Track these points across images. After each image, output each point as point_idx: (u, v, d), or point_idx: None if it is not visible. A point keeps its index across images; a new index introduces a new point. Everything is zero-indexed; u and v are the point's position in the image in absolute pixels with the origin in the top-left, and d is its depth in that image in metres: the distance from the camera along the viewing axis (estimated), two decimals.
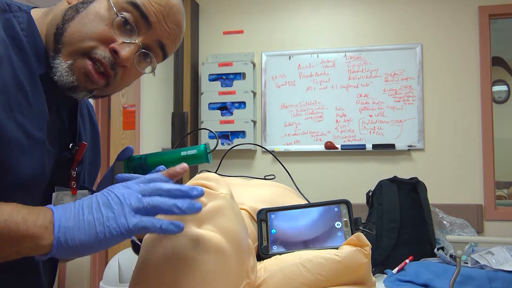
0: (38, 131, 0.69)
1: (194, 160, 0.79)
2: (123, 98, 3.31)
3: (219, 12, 3.29)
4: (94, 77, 0.71)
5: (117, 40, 0.72)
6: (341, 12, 3.14)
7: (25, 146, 0.66)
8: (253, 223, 0.91)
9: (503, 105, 4.35)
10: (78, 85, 0.72)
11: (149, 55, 0.76)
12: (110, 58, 0.72)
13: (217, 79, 3.16)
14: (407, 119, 2.96)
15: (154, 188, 0.63)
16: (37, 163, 0.69)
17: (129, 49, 0.72)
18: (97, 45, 0.71)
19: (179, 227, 0.61)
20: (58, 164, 0.77)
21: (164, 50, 0.78)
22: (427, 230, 1.92)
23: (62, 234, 0.58)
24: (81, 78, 0.71)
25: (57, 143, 0.76)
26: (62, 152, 0.78)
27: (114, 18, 0.71)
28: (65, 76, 0.70)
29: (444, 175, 2.89)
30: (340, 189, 2.99)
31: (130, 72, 0.76)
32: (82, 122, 0.88)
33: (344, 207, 0.88)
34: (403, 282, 1.65)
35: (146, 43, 0.75)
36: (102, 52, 0.71)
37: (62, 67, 0.70)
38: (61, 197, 0.77)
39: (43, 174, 0.71)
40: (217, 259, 0.67)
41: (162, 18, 0.75)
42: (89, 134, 0.91)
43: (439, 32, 2.97)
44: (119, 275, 2.31)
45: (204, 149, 0.79)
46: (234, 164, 3.09)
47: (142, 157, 0.80)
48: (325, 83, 3.08)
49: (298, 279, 0.75)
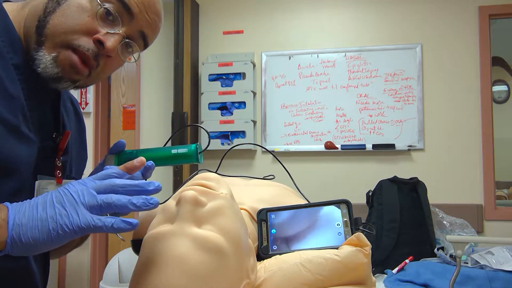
0: (12, 117, 0.69)
1: (185, 159, 0.79)
2: (123, 98, 3.31)
3: (219, 12, 3.29)
4: (80, 68, 0.73)
5: (101, 31, 0.73)
6: (341, 12, 3.14)
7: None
8: (253, 223, 0.91)
9: (503, 105, 4.35)
10: (63, 76, 0.73)
11: (131, 44, 0.77)
12: (93, 49, 0.73)
13: (217, 79, 3.16)
14: (407, 119, 2.96)
15: (109, 184, 0.63)
16: (9, 149, 0.69)
17: (113, 39, 0.73)
18: (80, 37, 0.72)
19: (131, 225, 0.61)
20: (42, 153, 0.77)
21: (146, 40, 0.80)
22: (427, 230, 1.92)
23: (15, 232, 0.58)
24: (66, 69, 0.72)
25: (40, 132, 0.77)
26: (45, 141, 0.79)
27: (97, 9, 0.72)
28: (50, 68, 0.71)
29: (444, 175, 2.89)
30: (340, 189, 2.99)
31: (112, 61, 0.77)
32: (66, 114, 0.88)
33: (344, 207, 0.88)
34: (403, 282, 1.65)
35: (128, 33, 0.76)
36: (85, 44, 0.72)
37: (46, 59, 0.71)
38: (44, 185, 0.77)
39: (16, 161, 0.71)
40: (217, 259, 0.67)
41: (144, 8, 0.76)
42: (74, 126, 0.92)
43: (439, 32, 2.97)
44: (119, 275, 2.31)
45: (195, 148, 0.79)
46: (234, 164, 3.09)
47: (133, 152, 0.81)
48: (325, 83, 3.08)
49: (298, 279, 0.75)
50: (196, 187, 0.74)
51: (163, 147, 0.82)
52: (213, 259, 0.67)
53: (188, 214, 0.70)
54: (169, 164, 0.81)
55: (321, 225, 0.87)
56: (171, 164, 0.81)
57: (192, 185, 0.75)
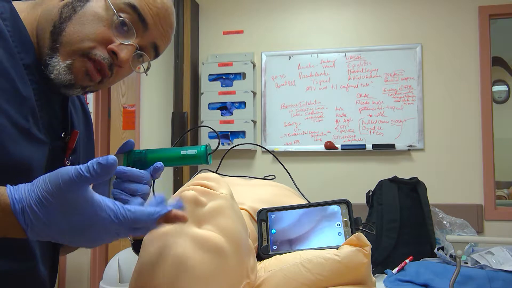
0: (23, 120, 0.69)
1: (194, 160, 0.79)
2: (123, 98, 3.31)
3: (219, 12, 3.29)
4: (95, 76, 0.73)
5: (115, 41, 0.72)
6: (341, 12, 3.14)
7: (9, 133, 0.66)
8: (253, 223, 0.91)
9: (503, 105, 4.35)
10: (75, 83, 0.72)
11: (143, 55, 0.78)
12: (108, 59, 0.72)
13: (217, 79, 3.16)
14: (407, 119, 2.96)
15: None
16: (20, 152, 0.68)
17: (127, 50, 0.73)
18: (96, 46, 0.71)
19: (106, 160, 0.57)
20: (52, 154, 0.77)
21: (157, 51, 0.80)
22: (427, 230, 1.92)
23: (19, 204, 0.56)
24: (80, 76, 0.72)
25: (50, 133, 0.76)
26: (55, 142, 0.78)
27: (113, 19, 0.72)
28: (63, 75, 0.71)
29: (444, 175, 2.89)
30: (340, 189, 2.99)
31: (123, 71, 0.77)
32: (75, 112, 0.88)
33: (344, 207, 0.88)
34: (403, 282, 1.65)
35: (141, 44, 0.76)
36: (101, 54, 0.72)
37: (61, 66, 0.70)
38: None
39: (29, 163, 0.70)
40: (217, 259, 0.68)
41: (159, 21, 0.76)
42: (82, 124, 0.91)
43: (439, 32, 2.97)
44: (119, 275, 2.31)
45: (204, 150, 0.79)
46: (234, 164, 3.09)
47: (142, 152, 0.80)
48: (325, 83, 3.08)
49: (298, 279, 0.75)
50: (196, 187, 0.74)
51: (172, 147, 0.82)
52: (213, 259, 0.67)
53: (188, 214, 0.70)
54: (178, 165, 0.80)
55: (321, 225, 0.87)
56: (179, 165, 0.80)
57: (192, 185, 0.76)
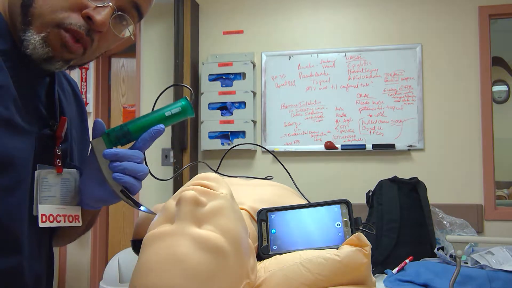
0: (3, 108, 0.66)
1: (179, 116, 0.77)
2: (123, 98, 3.32)
3: (219, 12, 3.29)
4: (72, 46, 0.69)
5: (90, 5, 0.69)
6: (341, 12, 3.13)
7: None
8: (253, 223, 0.91)
9: (503, 105, 4.35)
10: (54, 56, 0.69)
11: (124, 17, 0.74)
12: (85, 25, 0.69)
13: (217, 79, 3.16)
14: (407, 119, 2.96)
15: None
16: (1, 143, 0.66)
17: (104, 13, 0.69)
18: (70, 14, 0.68)
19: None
20: (41, 143, 0.75)
21: (140, 10, 0.76)
22: (427, 230, 1.92)
23: None
24: (57, 48, 0.69)
25: (36, 121, 0.74)
26: (43, 130, 0.76)
27: None
28: (39, 48, 0.68)
29: (444, 175, 2.89)
30: (340, 189, 2.99)
31: (106, 36, 0.73)
32: (64, 96, 0.85)
33: (344, 207, 0.88)
34: (403, 282, 1.65)
35: (120, 5, 0.72)
36: (76, 22, 0.68)
37: (35, 39, 0.67)
38: (44, 175, 0.75)
39: (11, 156, 0.68)
40: (217, 259, 0.67)
41: None
42: (75, 111, 0.89)
43: (439, 32, 2.97)
44: (119, 275, 2.31)
45: (187, 102, 0.77)
46: (234, 164, 3.09)
47: (122, 126, 0.76)
48: (325, 83, 3.08)
49: (298, 279, 0.75)
50: (196, 187, 0.74)
51: (153, 111, 0.78)
52: (213, 259, 0.67)
53: (188, 214, 0.70)
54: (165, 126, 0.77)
55: (321, 225, 0.87)
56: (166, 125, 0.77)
57: (192, 185, 0.75)
